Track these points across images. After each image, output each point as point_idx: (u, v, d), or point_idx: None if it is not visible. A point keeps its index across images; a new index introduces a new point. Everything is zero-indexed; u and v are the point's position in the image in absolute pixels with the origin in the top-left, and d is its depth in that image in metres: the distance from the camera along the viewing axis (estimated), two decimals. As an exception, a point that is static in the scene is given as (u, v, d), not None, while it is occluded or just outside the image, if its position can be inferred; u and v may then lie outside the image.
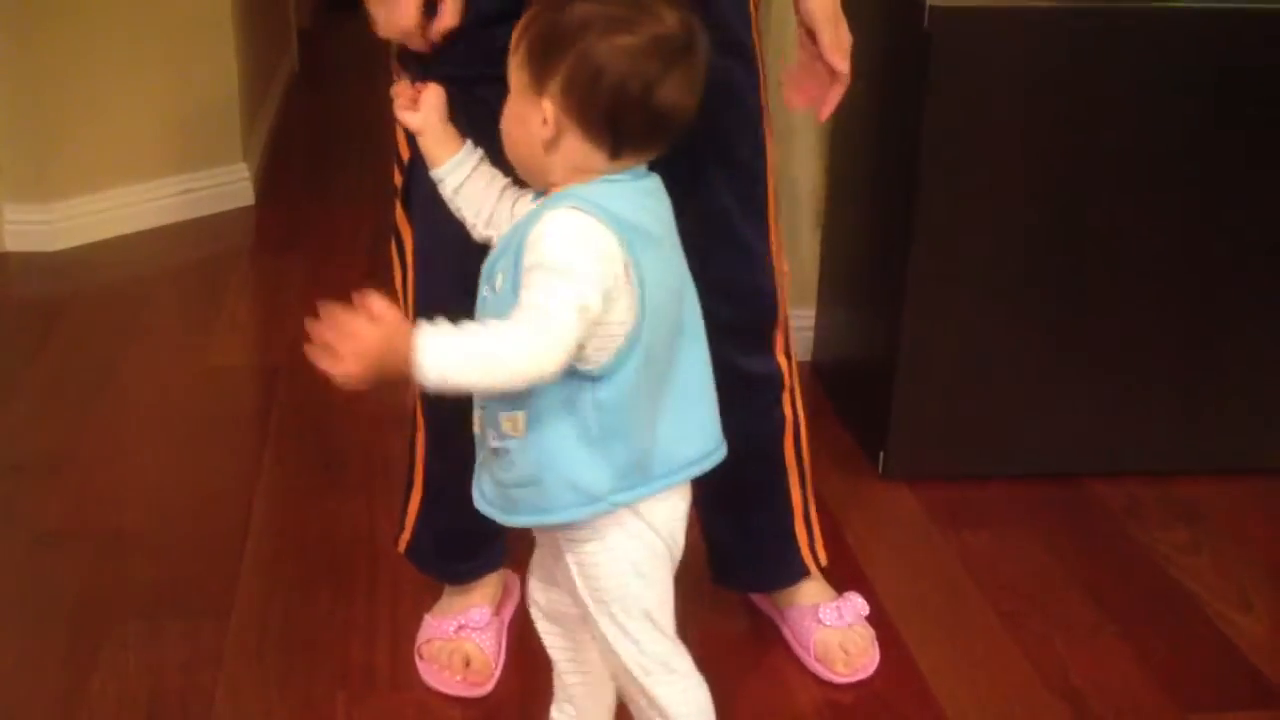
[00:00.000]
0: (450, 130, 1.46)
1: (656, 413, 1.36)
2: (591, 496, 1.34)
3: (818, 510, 1.90)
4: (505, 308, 1.28)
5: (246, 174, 3.70)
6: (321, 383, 1.29)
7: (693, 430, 1.41)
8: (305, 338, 1.26)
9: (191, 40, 3.49)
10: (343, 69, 5.34)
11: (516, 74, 1.32)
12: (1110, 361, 2.29)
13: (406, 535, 1.88)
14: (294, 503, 2.24)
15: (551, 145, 1.31)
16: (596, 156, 1.31)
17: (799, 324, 2.11)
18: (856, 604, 1.89)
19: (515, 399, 1.31)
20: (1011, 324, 2.25)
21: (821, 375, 2.63)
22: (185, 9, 3.45)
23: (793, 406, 1.82)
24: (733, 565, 1.92)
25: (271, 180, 3.89)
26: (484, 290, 1.36)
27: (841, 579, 1.95)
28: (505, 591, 1.93)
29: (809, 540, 1.88)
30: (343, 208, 3.68)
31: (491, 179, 1.46)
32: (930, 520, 2.23)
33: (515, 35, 1.32)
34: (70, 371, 2.70)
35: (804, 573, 1.89)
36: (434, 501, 1.83)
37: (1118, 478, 2.34)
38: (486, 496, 1.42)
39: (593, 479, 1.33)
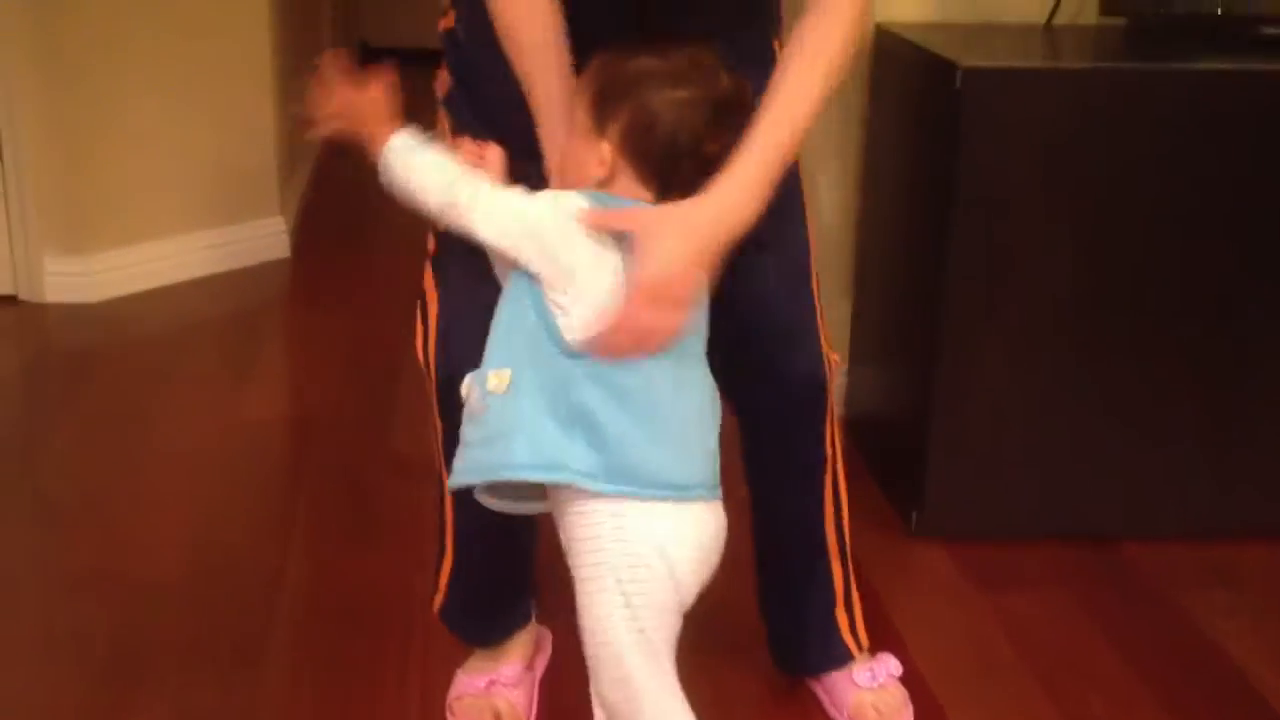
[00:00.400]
0: None
1: (641, 426, 1.39)
2: (551, 463, 1.37)
3: (858, 588, 1.89)
4: (509, 292, 1.43)
5: (283, 227, 3.74)
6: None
7: (683, 459, 1.43)
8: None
9: (231, 95, 3.53)
10: (378, 123, 5.39)
11: (580, 116, 1.42)
12: (1145, 421, 2.28)
13: (440, 597, 1.87)
14: (326, 554, 2.25)
15: (604, 186, 1.41)
16: (644, 196, 1.42)
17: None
18: (890, 664, 1.88)
19: (508, 357, 1.40)
20: (1045, 382, 2.25)
21: (854, 431, 2.62)
22: (226, 65, 3.50)
23: (834, 490, 1.81)
24: (782, 649, 1.92)
25: (308, 233, 3.92)
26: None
27: (875, 638, 1.93)
28: (537, 648, 1.93)
29: (850, 624, 1.87)
30: (378, 261, 3.71)
31: None
32: (964, 579, 2.22)
33: (582, 81, 1.43)
34: (107, 422, 2.72)
35: (848, 658, 1.87)
36: (464, 560, 1.83)
37: (1154, 540, 2.32)
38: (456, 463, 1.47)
39: (554, 447, 1.37)
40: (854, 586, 1.87)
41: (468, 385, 1.45)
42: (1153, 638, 2.08)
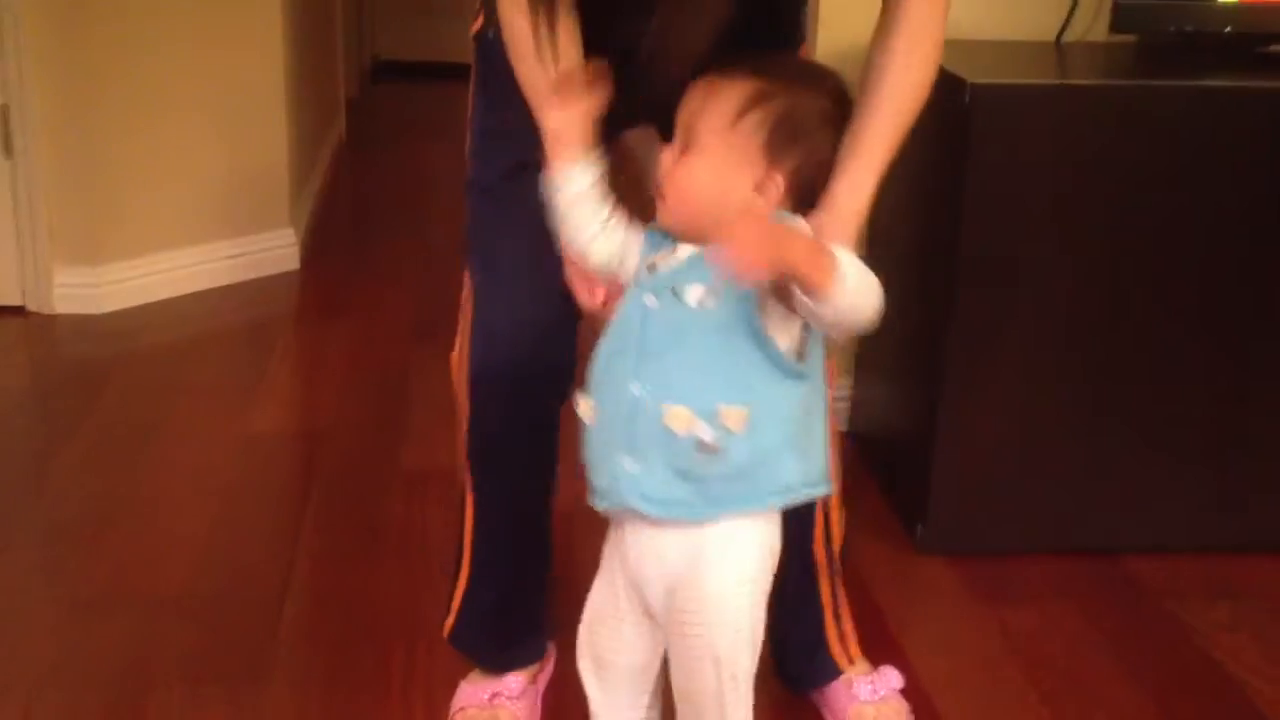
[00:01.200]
0: (590, 135, 1.46)
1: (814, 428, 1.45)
2: (789, 488, 1.42)
3: (848, 601, 1.89)
4: (707, 320, 1.35)
5: (293, 239, 3.75)
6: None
7: None
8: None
9: (244, 108, 3.55)
10: (388, 138, 5.41)
11: (748, 136, 1.37)
12: (1150, 436, 2.28)
13: (451, 620, 1.87)
14: (333, 568, 2.25)
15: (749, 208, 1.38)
16: None
17: (837, 394, 2.11)
18: (891, 678, 1.88)
19: (742, 392, 1.36)
20: (1050, 397, 2.25)
21: (859, 446, 2.63)
22: (239, 77, 3.52)
23: (824, 506, 1.81)
24: (775, 662, 1.92)
25: (317, 246, 3.94)
26: (649, 299, 1.39)
27: (877, 652, 1.94)
28: (542, 660, 1.93)
29: (839, 638, 1.87)
30: (387, 273, 3.72)
31: (601, 201, 1.47)
32: (967, 594, 2.22)
33: (742, 98, 1.37)
34: (115, 434, 2.72)
35: (836, 673, 1.87)
36: (481, 582, 1.83)
37: (1157, 554, 2.32)
38: (647, 495, 1.40)
39: (791, 474, 1.41)
40: (843, 600, 1.88)
41: (680, 419, 1.37)
42: (1156, 653, 2.08)
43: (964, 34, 2.49)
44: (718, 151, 1.38)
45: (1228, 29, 2.35)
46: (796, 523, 1.77)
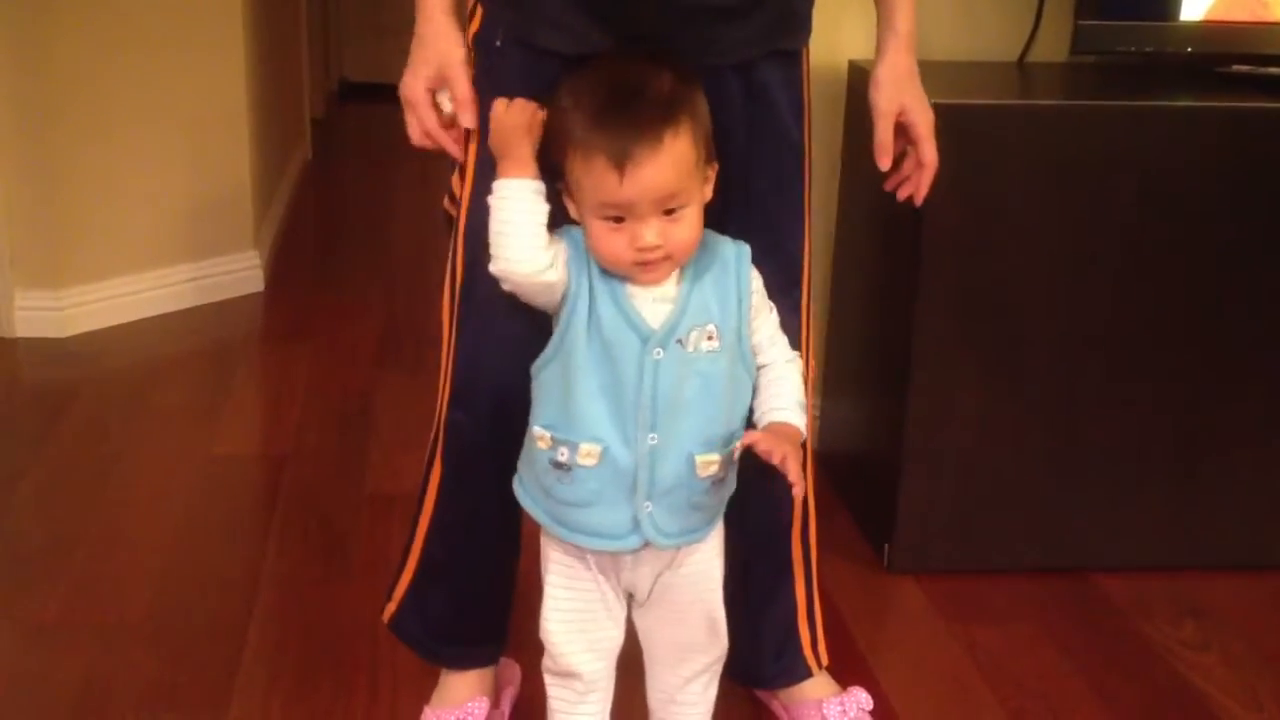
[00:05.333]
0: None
1: None
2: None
3: (821, 606, 1.89)
4: (713, 362, 1.46)
5: (257, 261, 3.73)
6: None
7: None
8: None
9: (206, 129, 3.53)
10: (355, 158, 5.40)
11: (703, 166, 1.45)
12: (1117, 455, 2.28)
13: (393, 607, 1.86)
14: (297, 593, 2.23)
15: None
16: None
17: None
18: (861, 699, 1.87)
19: (741, 421, 1.51)
20: (1017, 416, 2.25)
21: (826, 466, 2.62)
22: (201, 98, 3.49)
23: (804, 501, 1.81)
24: (736, 660, 1.90)
25: (282, 267, 3.91)
26: (657, 353, 1.45)
27: (846, 673, 1.93)
28: (506, 681, 1.92)
29: (811, 640, 1.87)
30: (352, 295, 3.70)
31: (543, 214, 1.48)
32: (936, 614, 2.22)
33: (689, 147, 1.42)
34: (76, 458, 2.70)
35: (806, 674, 1.87)
36: (430, 582, 1.82)
37: (1125, 573, 2.32)
38: (664, 531, 1.51)
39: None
40: (817, 603, 1.87)
41: (718, 464, 1.50)
42: (1124, 671, 2.08)
43: (927, 55, 2.48)
44: (695, 194, 1.45)
45: (1188, 49, 2.37)
46: (769, 507, 1.77)
